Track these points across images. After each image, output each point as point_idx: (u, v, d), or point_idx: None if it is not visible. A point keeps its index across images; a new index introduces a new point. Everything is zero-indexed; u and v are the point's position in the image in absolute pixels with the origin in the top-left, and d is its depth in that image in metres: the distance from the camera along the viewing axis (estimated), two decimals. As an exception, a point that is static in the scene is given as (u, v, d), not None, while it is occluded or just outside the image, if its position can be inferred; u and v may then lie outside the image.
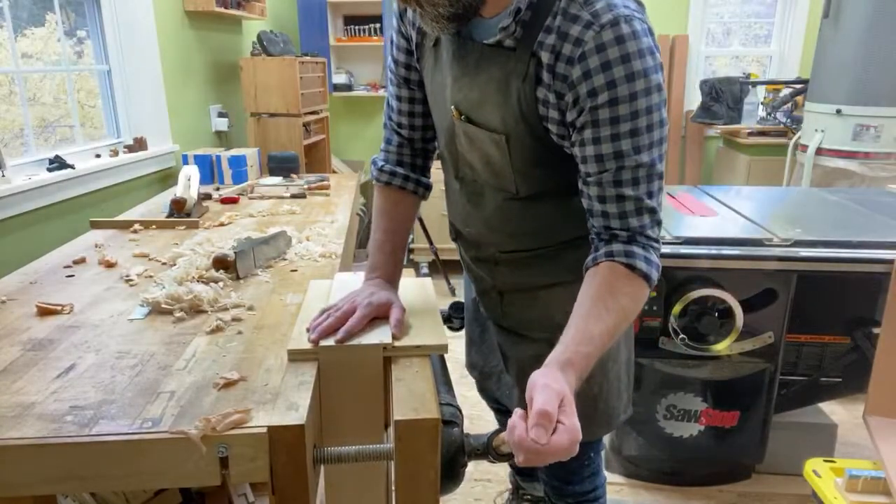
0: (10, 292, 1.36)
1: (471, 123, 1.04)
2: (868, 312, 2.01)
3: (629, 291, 0.92)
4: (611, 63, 0.87)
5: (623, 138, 0.90)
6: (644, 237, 0.96)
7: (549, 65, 0.92)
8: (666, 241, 1.89)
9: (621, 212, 0.95)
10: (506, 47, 0.95)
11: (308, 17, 4.36)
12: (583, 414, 0.93)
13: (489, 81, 0.99)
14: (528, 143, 1.01)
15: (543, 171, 1.05)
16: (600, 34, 0.87)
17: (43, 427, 0.84)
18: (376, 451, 0.91)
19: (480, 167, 1.10)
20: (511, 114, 0.99)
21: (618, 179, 0.92)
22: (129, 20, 2.75)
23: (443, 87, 1.07)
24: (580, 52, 0.88)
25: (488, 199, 1.13)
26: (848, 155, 3.20)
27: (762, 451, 2.10)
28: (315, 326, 1.02)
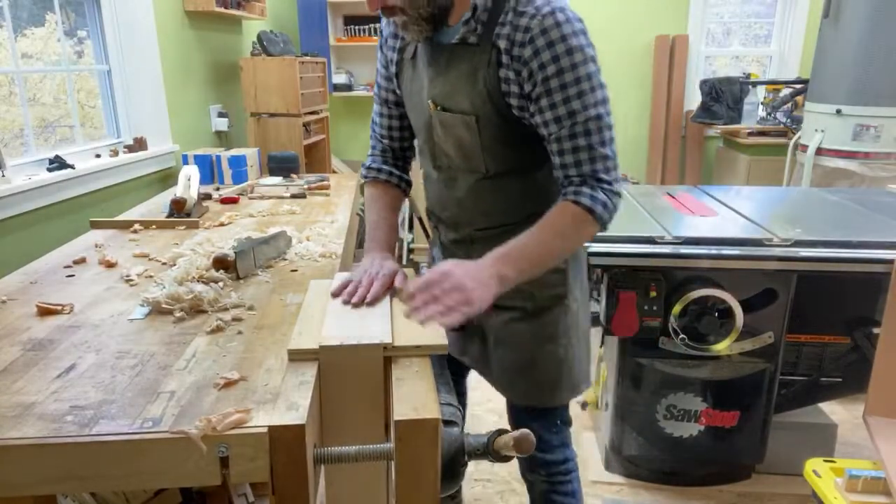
0: (10, 292, 1.36)
1: (445, 111, 1.23)
2: (868, 312, 2.01)
3: (570, 221, 1.15)
4: (553, 42, 1.10)
5: (573, 100, 1.13)
6: (595, 180, 1.16)
7: (507, 50, 1.14)
8: (666, 240, 1.89)
9: (576, 160, 1.16)
10: (469, 43, 1.18)
11: (308, 17, 4.36)
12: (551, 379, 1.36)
13: (459, 73, 1.20)
14: (494, 122, 1.21)
15: (508, 150, 1.25)
16: (542, 21, 1.10)
17: (43, 427, 0.84)
18: (376, 451, 0.91)
19: (454, 152, 1.29)
20: (479, 96, 1.19)
21: (572, 133, 1.15)
22: (129, 20, 2.75)
23: (420, 89, 1.27)
24: (529, 37, 1.11)
25: (461, 182, 1.31)
26: (848, 155, 3.20)
27: (762, 451, 2.10)
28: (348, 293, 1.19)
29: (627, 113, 4.92)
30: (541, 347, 1.35)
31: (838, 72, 3.19)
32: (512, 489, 2.16)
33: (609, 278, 1.91)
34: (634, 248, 1.88)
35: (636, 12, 4.73)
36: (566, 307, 1.35)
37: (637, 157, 4.97)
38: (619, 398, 2.11)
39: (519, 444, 0.95)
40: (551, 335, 1.34)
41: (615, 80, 4.86)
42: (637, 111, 4.91)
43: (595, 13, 4.75)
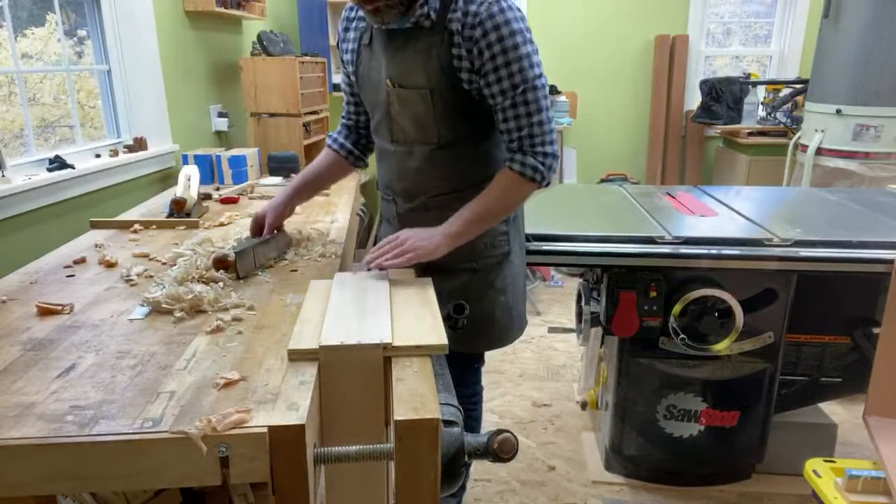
0: (10, 292, 1.36)
1: (402, 88, 1.41)
2: (868, 312, 2.01)
3: (507, 184, 1.40)
4: (498, 25, 1.30)
5: (516, 74, 1.33)
6: (530, 146, 1.39)
7: (458, 31, 1.33)
8: (666, 240, 1.89)
9: (518, 126, 1.38)
10: (424, 27, 1.36)
11: (308, 17, 4.36)
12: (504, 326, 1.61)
13: (416, 52, 1.38)
14: (447, 95, 1.39)
15: (459, 120, 1.44)
16: (489, 7, 1.31)
17: (43, 427, 0.84)
18: (376, 451, 0.91)
19: (410, 126, 1.46)
20: (434, 70, 1.37)
21: (515, 102, 1.36)
22: (129, 20, 2.75)
23: (378, 69, 1.45)
24: (478, 20, 1.31)
25: (417, 153, 1.49)
26: (848, 155, 3.20)
27: (762, 451, 2.10)
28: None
29: (627, 113, 4.92)
30: (496, 300, 1.57)
31: (838, 72, 3.19)
32: (512, 489, 2.16)
33: (609, 278, 1.91)
34: (634, 248, 1.88)
35: (636, 12, 4.73)
36: (510, 262, 1.59)
37: (637, 157, 4.97)
38: (619, 398, 2.11)
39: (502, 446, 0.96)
40: (502, 288, 1.58)
41: (615, 79, 4.87)
42: (637, 111, 4.91)
43: (595, 13, 4.76)
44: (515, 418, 2.60)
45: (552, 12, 4.78)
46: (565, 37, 4.82)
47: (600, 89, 4.87)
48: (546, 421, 2.58)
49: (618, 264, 1.89)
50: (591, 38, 4.81)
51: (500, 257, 1.56)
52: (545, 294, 3.97)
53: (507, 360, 3.09)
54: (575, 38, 4.82)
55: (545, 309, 3.72)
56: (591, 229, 1.96)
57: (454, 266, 1.50)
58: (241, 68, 3.39)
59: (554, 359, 3.12)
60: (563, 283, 4.14)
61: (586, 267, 2.12)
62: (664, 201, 2.35)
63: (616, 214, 2.21)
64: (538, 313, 3.66)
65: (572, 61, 4.84)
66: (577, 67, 4.84)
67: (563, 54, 4.84)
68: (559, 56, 4.85)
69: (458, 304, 1.39)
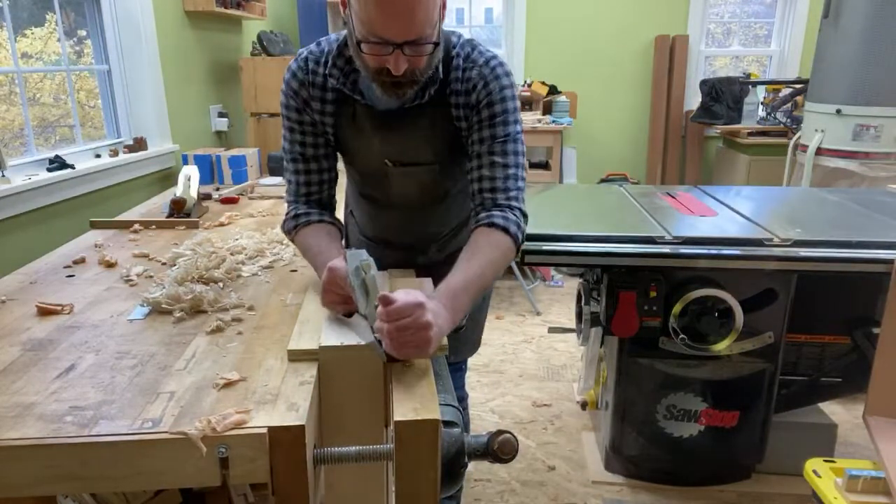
0: (10, 292, 1.36)
1: (405, 166, 1.37)
2: (868, 312, 2.01)
3: (489, 244, 1.25)
4: (489, 83, 1.28)
5: (498, 125, 1.29)
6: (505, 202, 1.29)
7: (457, 103, 1.30)
8: (666, 240, 1.89)
9: (492, 175, 1.29)
10: (422, 105, 1.29)
11: (308, 17, 4.36)
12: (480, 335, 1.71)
13: (418, 130, 1.32)
14: (451, 162, 1.38)
15: (460, 179, 1.44)
16: (482, 70, 1.29)
17: (43, 427, 0.84)
18: (376, 451, 0.91)
19: (414, 192, 1.43)
20: (440, 146, 1.34)
21: (491, 150, 1.29)
22: (128, 20, 2.75)
23: (368, 147, 1.35)
24: (473, 85, 1.29)
25: (421, 210, 1.47)
26: (848, 155, 3.20)
27: (762, 451, 2.10)
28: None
29: (627, 113, 4.93)
30: (483, 307, 1.66)
31: (838, 72, 3.19)
32: (512, 489, 2.16)
33: (609, 278, 1.91)
34: (634, 248, 1.88)
35: (636, 12, 4.73)
36: None
37: (637, 157, 4.97)
38: (619, 398, 2.11)
39: (502, 447, 0.96)
40: (487, 295, 1.68)
41: (615, 80, 4.87)
42: (637, 111, 4.91)
43: (595, 13, 4.76)
44: (515, 418, 2.60)
45: (552, 12, 4.78)
46: (565, 37, 4.82)
47: (600, 89, 4.87)
48: (546, 421, 2.58)
49: (618, 264, 1.89)
50: (592, 38, 4.81)
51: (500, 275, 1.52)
52: (545, 294, 3.97)
53: (507, 360, 3.09)
54: (575, 38, 4.82)
55: (545, 309, 3.72)
56: (591, 229, 1.96)
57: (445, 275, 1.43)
58: (241, 68, 3.39)
59: (554, 359, 3.12)
60: (563, 283, 4.14)
61: (586, 267, 2.12)
62: (664, 201, 2.35)
63: (616, 214, 2.21)
64: (538, 313, 3.66)
65: (572, 61, 4.84)
66: (577, 67, 4.84)
67: (563, 54, 4.84)
68: (559, 56, 4.85)
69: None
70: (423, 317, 0.98)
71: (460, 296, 1.13)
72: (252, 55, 3.55)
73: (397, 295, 0.99)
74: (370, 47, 1.12)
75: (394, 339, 0.97)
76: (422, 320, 0.98)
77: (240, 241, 1.68)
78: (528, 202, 1.43)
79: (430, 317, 0.99)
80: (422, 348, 0.99)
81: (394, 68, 1.12)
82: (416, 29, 1.09)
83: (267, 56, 3.51)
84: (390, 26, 1.08)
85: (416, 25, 1.09)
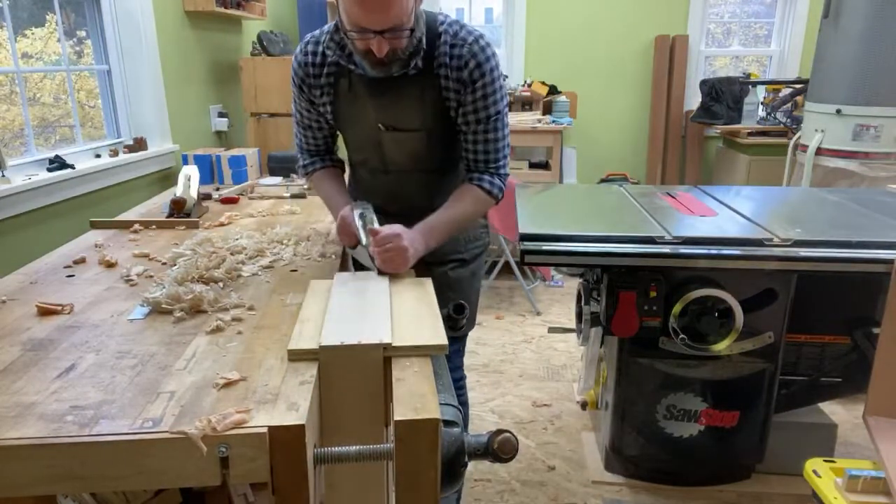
0: (10, 292, 1.36)
1: (396, 131, 1.52)
2: (868, 312, 2.01)
3: (478, 203, 1.55)
4: (481, 63, 1.44)
5: (491, 106, 1.48)
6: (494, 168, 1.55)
7: (446, 75, 1.45)
8: (666, 240, 1.89)
9: (485, 149, 1.52)
10: (412, 75, 1.44)
11: (308, 17, 4.36)
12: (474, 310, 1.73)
13: (407, 98, 1.47)
14: (441, 132, 1.52)
15: (451, 150, 1.58)
16: (471, 48, 1.44)
17: (43, 427, 0.84)
18: (376, 451, 0.91)
19: (406, 159, 1.57)
20: (428, 114, 1.49)
21: (487, 129, 1.50)
22: (128, 20, 2.75)
23: (364, 114, 1.52)
24: (464, 62, 1.43)
25: (412, 179, 1.60)
26: (848, 155, 3.20)
27: (762, 451, 2.10)
28: None
29: (627, 113, 4.93)
30: (473, 286, 1.74)
31: (838, 72, 3.19)
32: (512, 489, 2.17)
33: (609, 278, 1.91)
34: (634, 248, 1.88)
35: (636, 12, 4.73)
36: (486, 252, 1.78)
37: (637, 157, 4.97)
38: (619, 398, 2.11)
39: (502, 447, 0.96)
40: (479, 276, 1.77)
41: (615, 80, 4.87)
42: (637, 111, 4.92)
43: (595, 13, 4.76)
44: (515, 418, 2.60)
45: (552, 12, 4.78)
46: (565, 37, 4.82)
47: (600, 89, 4.87)
48: (546, 421, 2.58)
49: (618, 264, 1.89)
50: (592, 38, 4.81)
51: (481, 248, 1.74)
52: (545, 294, 3.97)
53: (507, 360, 3.09)
54: (575, 37, 4.82)
55: (545, 309, 3.72)
56: (591, 229, 1.96)
57: (443, 258, 1.63)
58: (241, 68, 3.40)
59: (554, 359, 3.12)
60: (563, 283, 4.14)
61: (586, 267, 2.12)
62: (664, 201, 2.35)
63: (616, 214, 2.21)
64: (538, 313, 3.66)
65: (572, 61, 4.84)
66: (577, 67, 4.84)
67: (563, 54, 4.84)
68: (559, 56, 4.85)
69: (458, 305, 1.39)
70: (400, 242, 1.33)
71: (437, 229, 1.46)
72: (252, 55, 3.55)
73: (382, 228, 1.35)
74: (355, 34, 1.31)
75: (381, 258, 1.33)
76: (400, 244, 1.33)
77: (240, 241, 1.68)
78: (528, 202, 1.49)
79: (405, 241, 1.34)
80: (402, 264, 1.34)
81: (377, 51, 1.31)
82: (393, 19, 1.27)
83: (267, 56, 3.51)
84: (369, 19, 1.27)
85: (392, 17, 1.27)
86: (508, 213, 2.85)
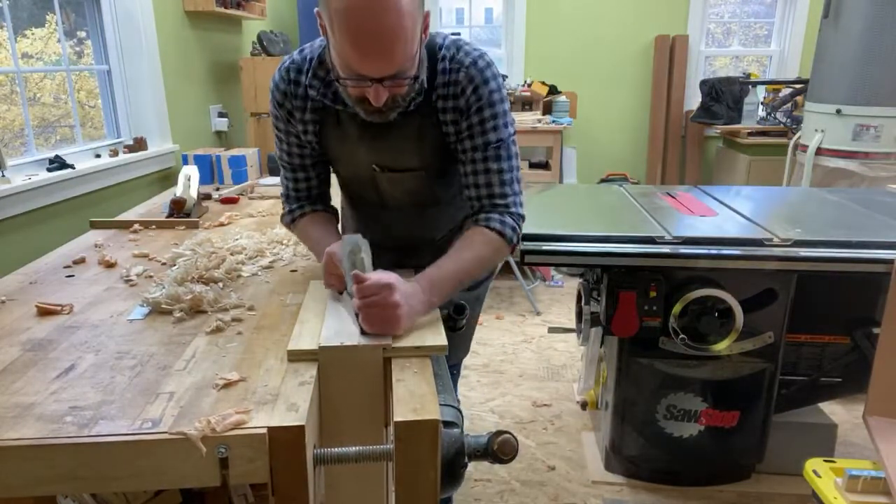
0: (10, 292, 1.36)
1: (393, 172, 1.34)
2: (868, 312, 2.01)
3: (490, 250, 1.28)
4: (478, 87, 1.25)
5: (489, 132, 1.27)
6: (503, 206, 1.30)
7: (444, 108, 1.27)
8: (666, 240, 1.89)
9: (487, 181, 1.29)
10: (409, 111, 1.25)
11: (308, 17, 4.36)
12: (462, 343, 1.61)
13: (404, 138, 1.29)
14: (441, 168, 1.36)
15: (452, 182, 1.41)
16: (468, 72, 1.24)
17: (42, 427, 0.84)
18: (376, 451, 0.91)
19: (404, 196, 1.41)
20: (427, 153, 1.31)
21: (485, 157, 1.28)
22: (128, 20, 2.75)
23: (355, 153, 1.34)
24: (461, 89, 1.25)
25: (413, 213, 1.45)
26: (848, 155, 3.20)
27: (762, 451, 2.10)
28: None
29: (627, 113, 4.92)
30: (478, 312, 1.63)
31: (838, 72, 3.18)
32: (512, 489, 2.16)
33: (609, 278, 1.91)
34: (634, 248, 1.88)
35: (636, 12, 4.73)
36: (491, 275, 1.65)
37: (637, 157, 4.97)
38: (619, 398, 2.11)
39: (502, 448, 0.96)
40: (482, 300, 1.64)
41: (615, 79, 4.87)
42: (637, 111, 4.91)
43: (595, 13, 4.76)
44: (515, 418, 2.60)
45: (552, 12, 4.78)
46: (565, 37, 4.82)
47: (600, 89, 4.87)
48: (546, 421, 2.58)
49: (618, 264, 1.89)
50: (591, 38, 4.81)
51: (488, 272, 1.55)
52: (545, 294, 3.97)
53: (507, 360, 3.09)
54: (575, 37, 4.82)
55: (545, 309, 3.72)
56: (591, 229, 1.96)
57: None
58: (241, 68, 3.39)
59: (554, 359, 3.12)
60: (563, 283, 4.14)
61: (586, 267, 2.12)
62: (664, 201, 2.35)
63: (616, 214, 2.21)
64: (538, 313, 3.66)
65: (572, 61, 4.84)
66: (577, 67, 4.84)
67: (563, 54, 4.84)
68: (559, 56, 4.85)
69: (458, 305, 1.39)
70: (390, 297, 1.05)
71: (441, 283, 1.18)
72: (252, 55, 3.55)
73: (371, 274, 1.09)
74: (349, 82, 1.11)
75: (364, 314, 1.06)
76: (390, 300, 1.05)
77: (240, 241, 1.68)
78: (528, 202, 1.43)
79: (398, 297, 1.06)
80: (390, 325, 1.06)
81: (374, 100, 1.12)
82: (395, 66, 1.09)
83: (267, 56, 3.51)
84: (368, 66, 1.07)
85: (395, 63, 1.08)
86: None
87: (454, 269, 1.21)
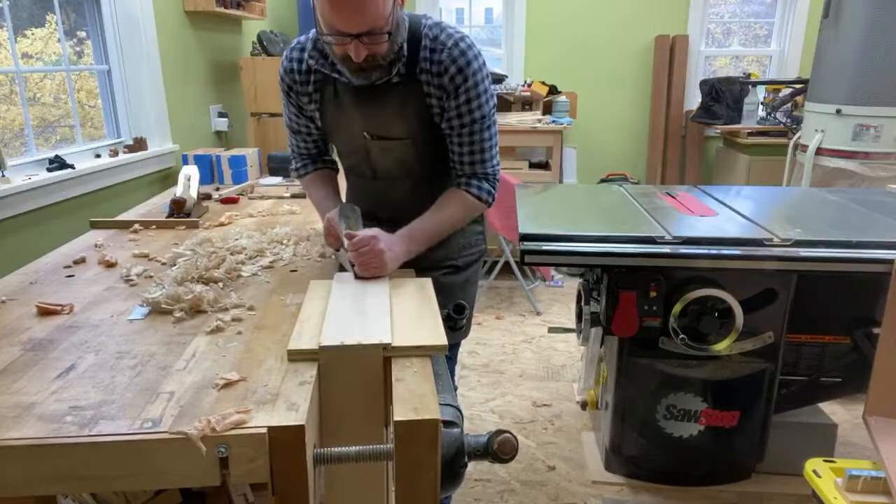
0: (10, 292, 1.36)
1: (382, 139, 1.49)
2: (868, 312, 2.01)
3: (466, 208, 1.50)
4: (462, 68, 1.39)
5: (475, 110, 1.44)
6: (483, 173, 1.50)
7: (428, 81, 1.41)
8: (666, 240, 1.89)
9: (470, 151, 1.48)
10: (394, 83, 1.41)
11: (308, 18, 4.35)
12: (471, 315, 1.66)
13: (391, 106, 1.44)
14: (426, 139, 1.48)
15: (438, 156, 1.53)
16: (451, 52, 1.39)
17: (43, 427, 0.84)
18: (376, 451, 0.91)
19: (394, 166, 1.54)
20: (412, 122, 1.45)
21: (472, 131, 1.46)
22: (128, 20, 2.75)
23: (350, 122, 1.49)
24: (444, 68, 1.39)
25: (400, 186, 1.57)
26: (848, 155, 3.20)
27: (762, 451, 2.10)
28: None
29: (627, 113, 4.93)
30: (467, 293, 1.68)
31: (838, 72, 3.18)
32: (511, 489, 2.17)
33: (609, 278, 1.91)
34: (634, 248, 1.88)
35: (636, 12, 4.73)
36: (482, 259, 1.73)
37: (637, 156, 4.97)
38: (619, 398, 2.11)
39: (502, 447, 0.96)
40: (475, 282, 1.72)
41: (615, 80, 4.87)
42: (637, 111, 4.91)
43: (595, 13, 4.76)
44: (515, 418, 2.60)
45: (552, 12, 4.78)
46: (565, 37, 4.82)
47: (600, 89, 4.87)
48: (546, 421, 2.58)
49: (618, 264, 1.89)
50: (591, 38, 4.81)
51: (476, 255, 1.68)
52: (545, 294, 3.97)
53: (507, 360, 3.09)
54: (575, 38, 4.82)
55: (545, 309, 3.72)
56: (591, 229, 1.96)
57: (436, 264, 1.59)
58: (241, 68, 3.40)
59: (554, 359, 3.12)
60: (563, 283, 4.14)
61: (586, 267, 2.12)
62: (664, 201, 2.35)
63: (616, 214, 2.21)
64: (538, 313, 3.66)
65: (572, 61, 4.84)
66: (577, 67, 4.84)
67: (563, 54, 4.84)
68: (559, 56, 4.85)
69: (458, 305, 1.39)
70: (377, 245, 1.30)
71: (419, 235, 1.43)
72: (252, 55, 3.55)
73: (359, 231, 1.34)
74: (331, 39, 1.27)
75: (357, 261, 1.30)
76: (376, 247, 1.30)
77: (240, 241, 1.68)
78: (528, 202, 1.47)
79: (382, 245, 1.31)
80: (379, 268, 1.32)
81: (354, 56, 1.27)
82: (368, 22, 1.23)
83: (267, 56, 3.51)
84: (344, 21, 1.23)
85: (368, 19, 1.23)
86: (508, 213, 2.85)
87: (430, 224, 1.45)
